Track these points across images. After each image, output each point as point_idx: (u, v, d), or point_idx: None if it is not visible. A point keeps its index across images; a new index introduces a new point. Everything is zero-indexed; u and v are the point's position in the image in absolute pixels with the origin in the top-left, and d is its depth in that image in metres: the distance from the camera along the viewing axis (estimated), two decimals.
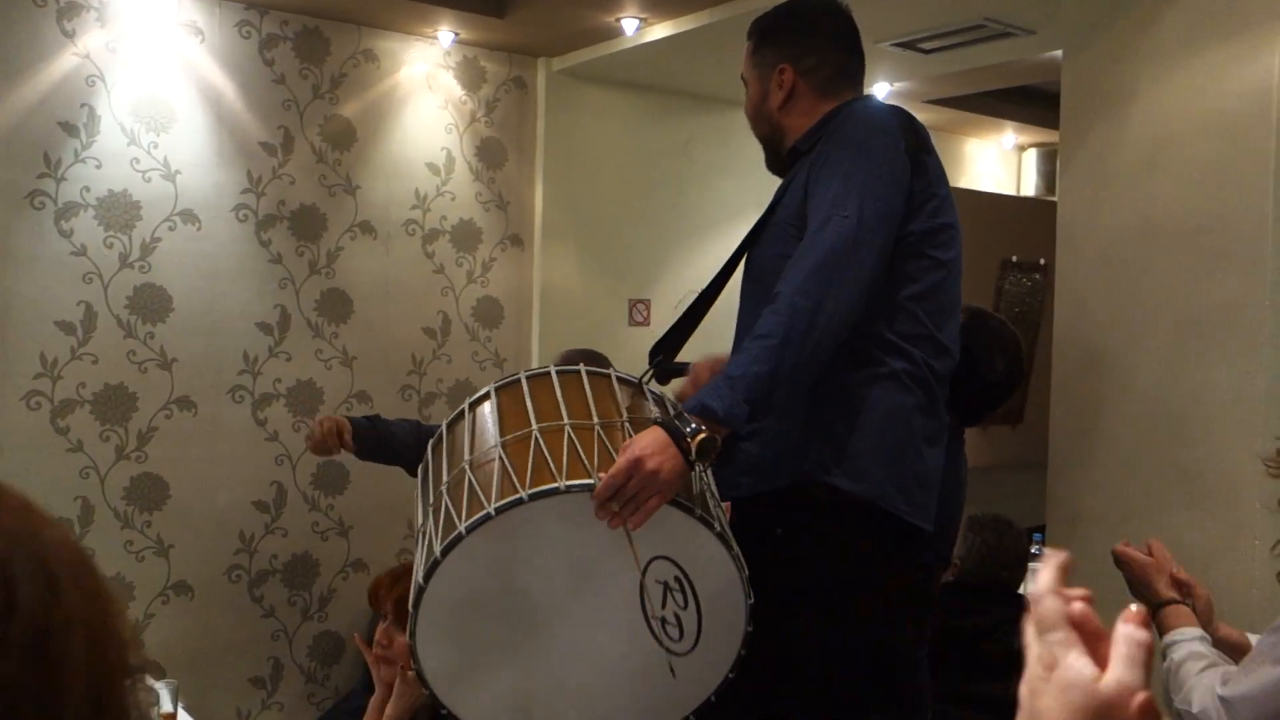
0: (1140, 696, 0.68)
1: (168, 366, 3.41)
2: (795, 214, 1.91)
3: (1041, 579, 0.81)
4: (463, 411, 1.90)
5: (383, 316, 3.83)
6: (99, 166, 3.29)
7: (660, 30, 3.67)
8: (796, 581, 1.90)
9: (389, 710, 2.30)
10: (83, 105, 3.26)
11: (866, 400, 1.88)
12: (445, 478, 1.74)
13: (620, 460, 1.56)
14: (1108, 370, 2.43)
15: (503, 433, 1.71)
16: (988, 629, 2.82)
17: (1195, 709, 1.69)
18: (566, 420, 1.69)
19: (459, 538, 1.56)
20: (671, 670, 1.71)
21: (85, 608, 0.59)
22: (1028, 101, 5.13)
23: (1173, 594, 1.94)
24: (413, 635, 1.66)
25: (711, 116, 4.62)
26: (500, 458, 1.64)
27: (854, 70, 2.09)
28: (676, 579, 1.66)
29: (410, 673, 2.29)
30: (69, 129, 3.24)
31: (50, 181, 3.21)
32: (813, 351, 1.72)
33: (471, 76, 4.03)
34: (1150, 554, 1.98)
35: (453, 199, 3.99)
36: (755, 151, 4.88)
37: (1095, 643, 0.74)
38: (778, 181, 2.51)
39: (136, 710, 0.60)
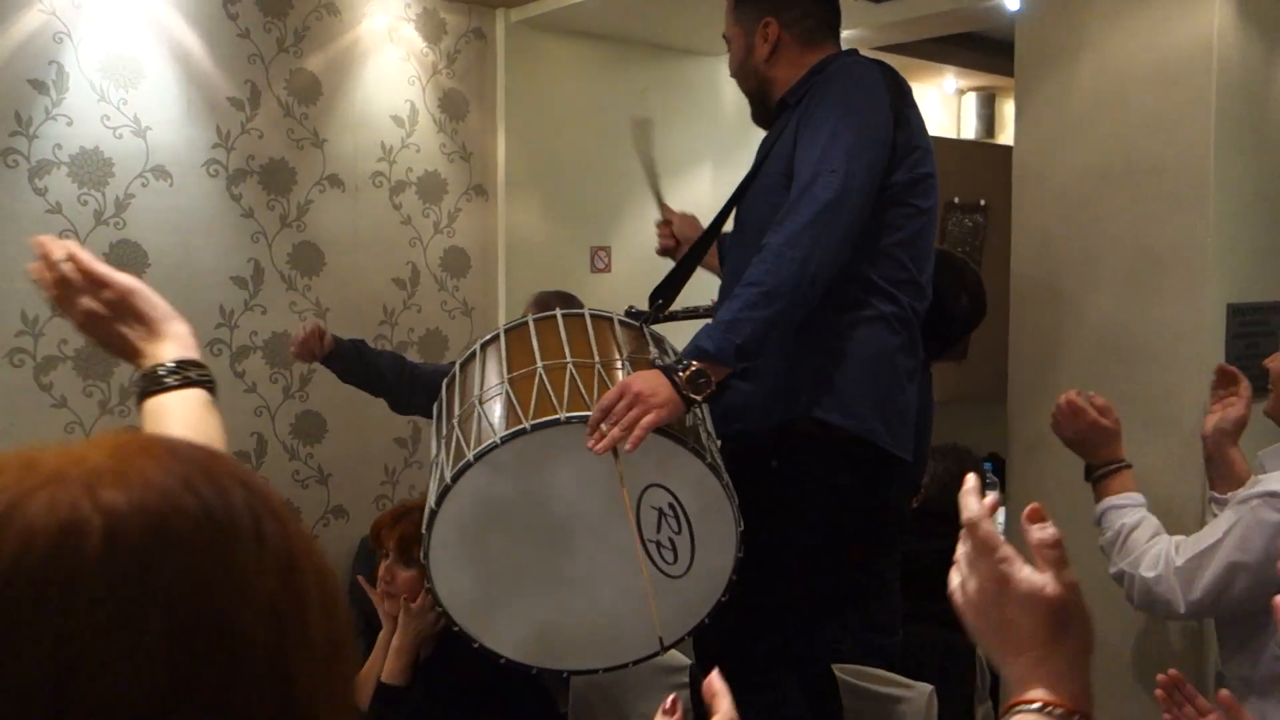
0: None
1: None
2: (784, 167, 2.03)
3: (974, 507, 0.96)
4: (474, 352, 2.04)
5: (353, 268, 3.90)
6: (70, 124, 3.30)
7: None
8: (789, 510, 2.06)
9: (395, 642, 2.41)
10: (51, 62, 3.26)
11: (855, 341, 2.03)
12: (457, 411, 1.89)
13: (614, 390, 1.70)
14: (1064, 305, 2.61)
15: (509, 369, 1.85)
16: (948, 550, 3.01)
17: (1149, 574, 1.87)
18: (569, 359, 1.83)
19: (468, 465, 1.71)
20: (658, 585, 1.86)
21: (307, 550, 0.67)
22: (968, 47, 5.29)
23: (1120, 456, 2.10)
24: (426, 557, 1.79)
25: (668, 65, 4.71)
26: (507, 393, 1.80)
27: (834, 21, 2.21)
28: (670, 505, 1.79)
29: (414, 604, 2.41)
30: (39, 86, 3.24)
31: (23, 140, 3.22)
32: (800, 299, 1.86)
33: (432, 28, 4.07)
34: (1100, 412, 2.15)
35: (418, 151, 4.05)
36: (710, 100, 5.02)
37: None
38: (734, 129, 2.61)
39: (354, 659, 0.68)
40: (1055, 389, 2.64)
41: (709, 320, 2.20)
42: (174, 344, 1.22)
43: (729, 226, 2.33)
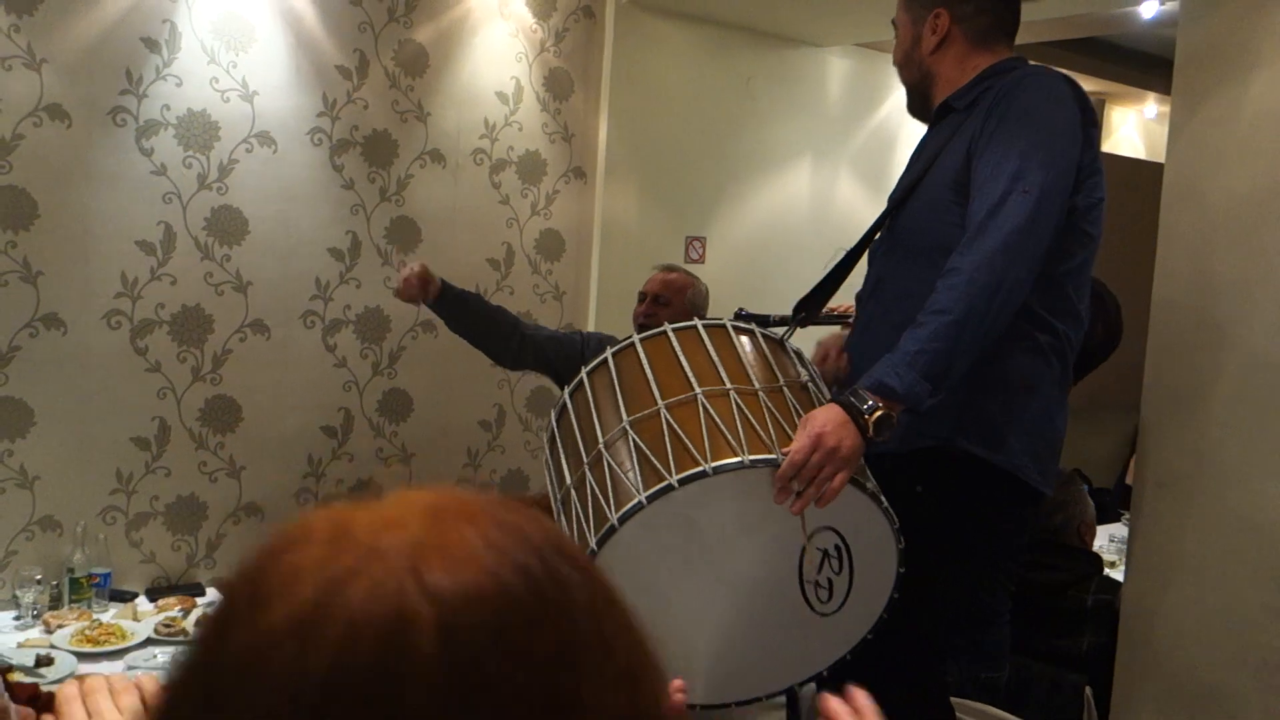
0: None
1: (243, 289, 3.40)
2: (953, 179, 1.90)
3: None
4: (606, 360, 1.85)
5: (449, 246, 3.82)
6: (179, 85, 3.24)
7: None
8: (928, 538, 1.95)
9: None
10: (164, 21, 3.21)
11: (1011, 372, 1.91)
12: (600, 435, 1.71)
13: (801, 437, 1.58)
14: (1211, 334, 2.46)
15: (663, 394, 1.68)
16: (1060, 586, 2.89)
17: None
18: (729, 385, 1.68)
19: (639, 506, 1.55)
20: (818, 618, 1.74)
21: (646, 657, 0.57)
22: (1073, 50, 5.11)
23: None
24: None
25: (773, 54, 4.58)
26: (667, 421, 1.63)
27: (1010, 23, 2.07)
28: (836, 547, 1.69)
29: None
30: (151, 45, 3.19)
31: (132, 99, 3.17)
32: (990, 328, 1.73)
33: (542, 4, 3.97)
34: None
35: (520, 129, 3.96)
36: (814, 92, 4.89)
37: None
38: (836, 123, 2.42)
39: None
40: (1195, 424, 2.51)
41: (778, 328, 2.09)
42: None
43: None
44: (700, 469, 1.54)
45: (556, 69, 4.03)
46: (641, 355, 1.80)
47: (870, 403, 1.64)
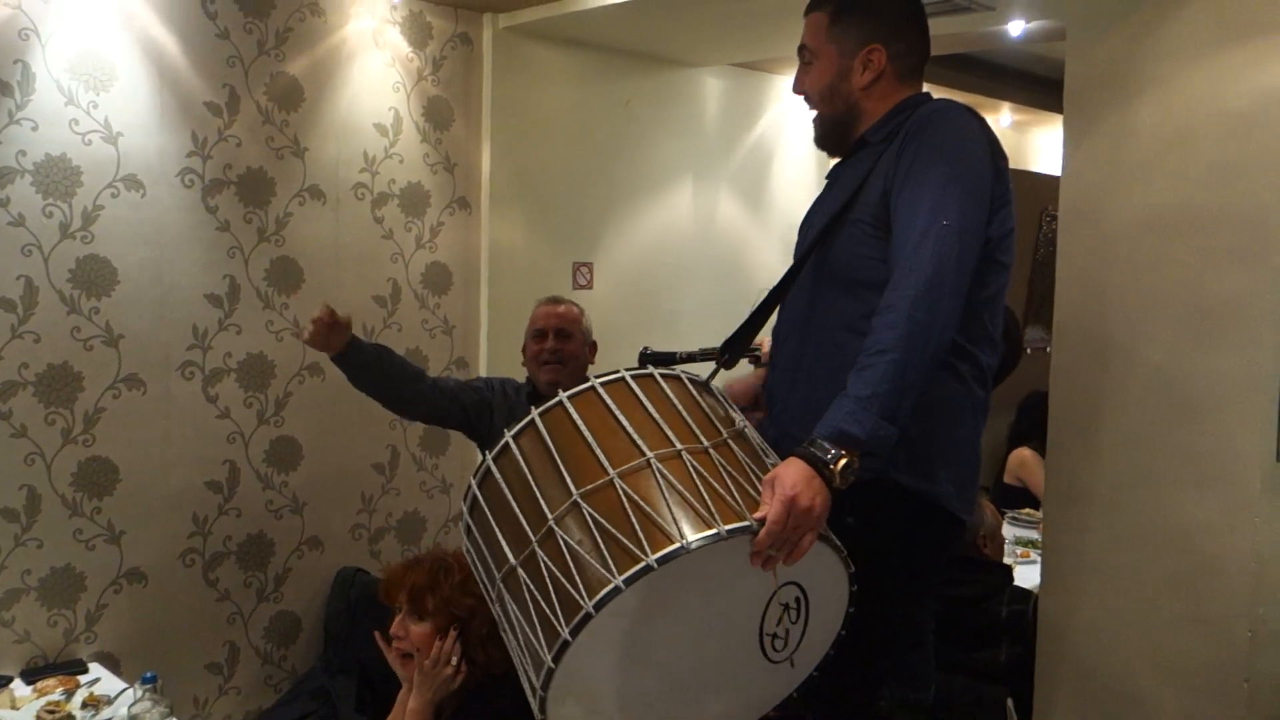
0: None
1: (114, 343, 3.19)
2: (872, 214, 1.90)
3: None
4: (533, 422, 1.70)
5: (333, 284, 3.68)
6: (35, 128, 3.02)
7: None
8: (862, 569, 1.94)
9: (411, 703, 2.24)
10: (16, 61, 2.98)
11: (937, 402, 1.91)
12: (546, 510, 1.58)
13: (776, 504, 1.53)
14: (1111, 353, 2.53)
15: (612, 461, 1.57)
16: (973, 600, 2.94)
17: None
18: (679, 445, 1.60)
19: (616, 591, 1.45)
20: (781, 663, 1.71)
21: None
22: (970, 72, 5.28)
23: None
24: (545, 690, 1.54)
25: (650, 76, 4.57)
26: (624, 492, 1.52)
27: (925, 60, 2.09)
28: (796, 599, 1.66)
29: (427, 663, 2.23)
30: (2, 87, 2.96)
31: None
32: (931, 362, 1.73)
33: (418, 32, 3.86)
34: None
35: (401, 161, 3.84)
36: (692, 113, 4.91)
37: None
38: (715, 141, 2.33)
39: None
40: (1102, 439, 2.58)
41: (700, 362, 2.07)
42: None
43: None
44: (677, 546, 1.45)
45: (435, 98, 3.92)
46: (574, 415, 1.67)
47: (833, 452, 1.62)
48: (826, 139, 2.17)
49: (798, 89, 2.17)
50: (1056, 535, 2.69)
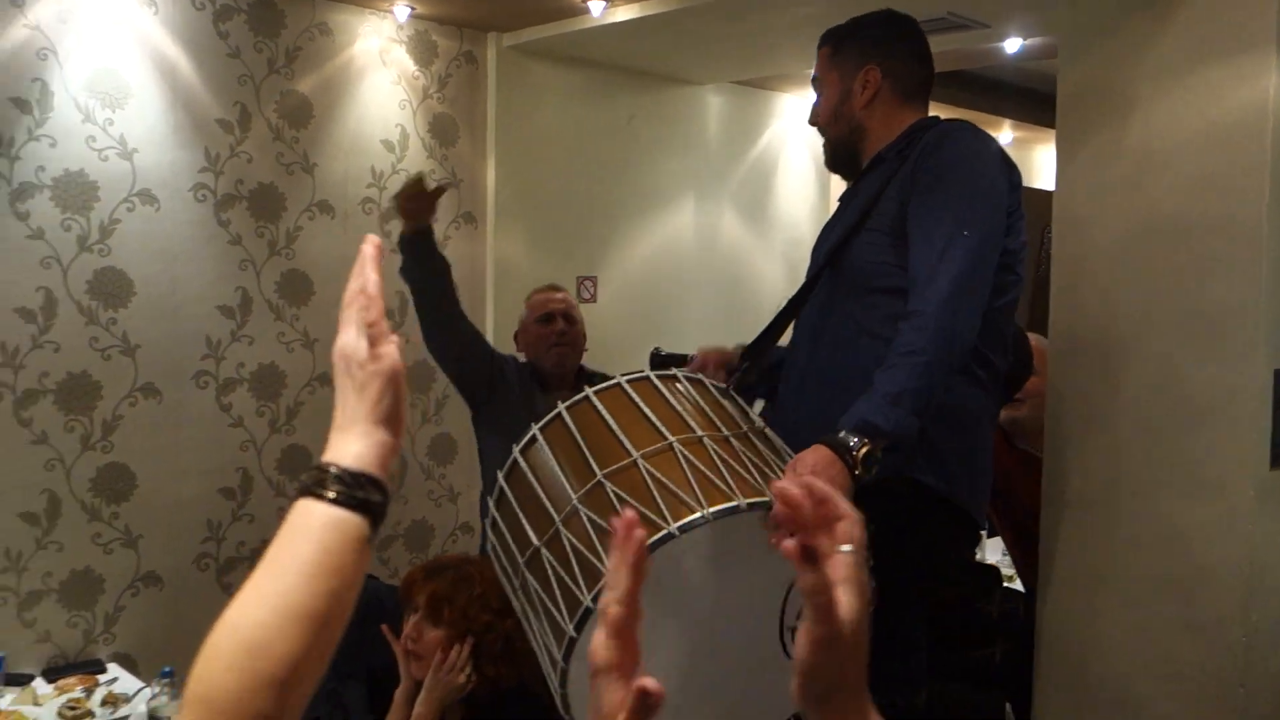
0: None
1: (130, 353, 3.29)
2: (889, 224, 1.98)
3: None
4: (560, 415, 1.75)
5: (341, 298, 3.75)
6: (54, 145, 3.13)
7: (625, 12, 3.68)
8: (878, 571, 2.00)
9: (419, 707, 2.24)
10: (35, 80, 3.09)
11: (955, 405, 1.98)
12: (570, 490, 1.62)
13: (794, 480, 1.59)
14: (1105, 362, 2.58)
15: (635, 445, 1.61)
16: (962, 600, 2.97)
17: None
18: (701, 432, 1.64)
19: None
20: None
21: None
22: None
23: None
24: (563, 684, 1.56)
25: (652, 93, 4.67)
26: (647, 471, 1.56)
27: (929, 81, 2.18)
28: None
29: (442, 669, 2.27)
30: (21, 105, 3.07)
31: (4, 161, 3.05)
32: (955, 362, 1.82)
33: (424, 51, 3.97)
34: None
35: (408, 177, 3.93)
36: (694, 130, 4.99)
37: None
38: (717, 158, 2.31)
39: None
40: (1100, 446, 2.62)
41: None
42: (366, 442, 0.87)
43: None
44: (698, 515, 1.48)
45: (441, 115, 4.02)
46: (599, 408, 1.73)
47: (855, 440, 1.68)
48: (836, 160, 2.27)
49: (811, 120, 2.29)
50: (1055, 541, 2.73)
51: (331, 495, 0.82)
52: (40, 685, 2.96)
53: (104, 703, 2.82)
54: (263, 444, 3.60)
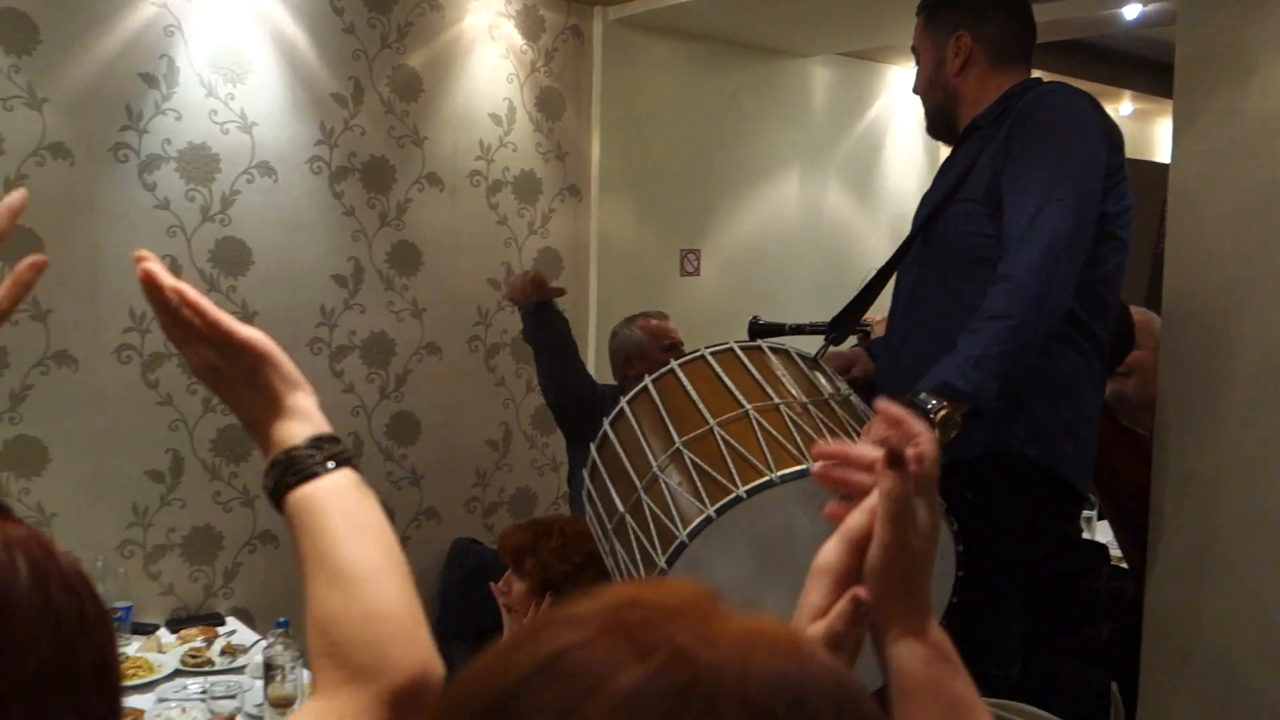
0: None
1: (249, 319, 3.42)
2: (984, 192, 1.96)
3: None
4: (646, 388, 1.82)
5: (450, 268, 3.85)
6: (179, 118, 3.27)
7: None
8: (977, 544, 1.98)
9: None
10: (162, 56, 3.23)
11: (1059, 376, 1.95)
12: (652, 459, 1.68)
13: (868, 439, 1.60)
14: (1220, 335, 2.50)
15: (713, 413, 1.66)
16: (1070, 577, 2.92)
17: None
18: (777, 400, 1.67)
19: (708, 520, 1.52)
20: None
21: None
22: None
23: None
24: None
25: (758, 66, 4.64)
26: (722, 438, 1.61)
27: (1028, 44, 2.14)
28: None
29: (524, 618, 2.35)
30: (150, 80, 3.21)
31: (133, 134, 3.19)
32: (1044, 330, 1.78)
33: (531, 25, 4.02)
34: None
35: (514, 150, 4.00)
36: (800, 103, 4.95)
37: None
38: (823, 132, 2.29)
39: None
40: (1213, 424, 2.54)
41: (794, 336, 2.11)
42: (301, 420, 0.96)
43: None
44: (767, 479, 1.52)
45: (548, 88, 4.07)
46: (683, 379, 1.79)
47: (934, 402, 1.67)
48: (934, 126, 2.28)
49: (914, 89, 2.29)
50: (1165, 520, 2.66)
51: (330, 465, 0.92)
52: (164, 635, 3.11)
53: (223, 652, 2.96)
54: (372, 409, 3.71)
